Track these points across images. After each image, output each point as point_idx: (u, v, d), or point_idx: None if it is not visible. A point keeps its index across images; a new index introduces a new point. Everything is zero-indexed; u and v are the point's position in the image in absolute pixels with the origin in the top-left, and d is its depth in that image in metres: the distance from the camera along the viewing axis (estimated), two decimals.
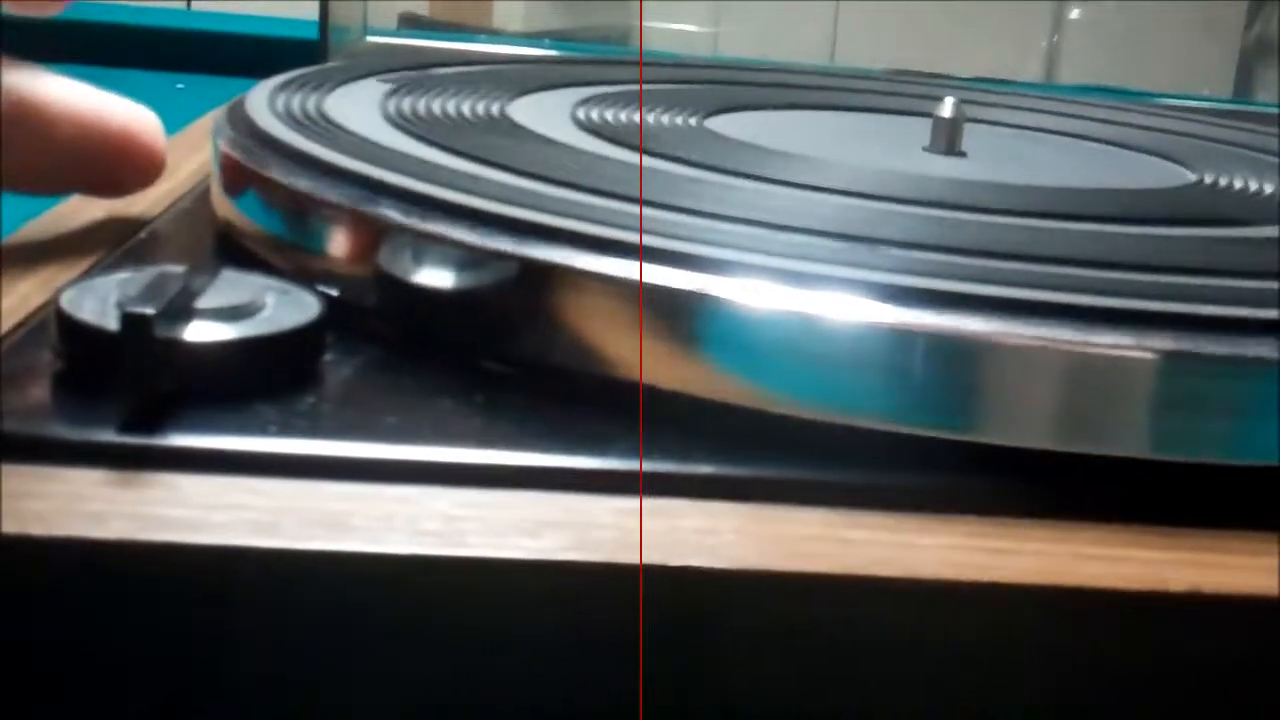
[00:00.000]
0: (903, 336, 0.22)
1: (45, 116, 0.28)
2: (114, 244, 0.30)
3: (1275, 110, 0.69)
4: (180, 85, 0.80)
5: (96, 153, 0.29)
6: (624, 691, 0.19)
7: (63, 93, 0.28)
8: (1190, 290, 0.24)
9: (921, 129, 0.39)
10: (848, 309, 0.22)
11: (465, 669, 0.19)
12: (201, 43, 0.85)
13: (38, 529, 0.19)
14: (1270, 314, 0.23)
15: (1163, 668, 0.20)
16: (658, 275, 0.23)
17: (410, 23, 1.57)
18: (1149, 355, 0.21)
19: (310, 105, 0.34)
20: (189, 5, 1.63)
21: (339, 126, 0.32)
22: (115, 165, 0.29)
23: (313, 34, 0.57)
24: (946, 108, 0.38)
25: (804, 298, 0.22)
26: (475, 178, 0.28)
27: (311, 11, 0.57)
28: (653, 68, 0.49)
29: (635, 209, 0.26)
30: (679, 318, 0.22)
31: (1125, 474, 0.22)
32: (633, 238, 0.23)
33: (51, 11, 0.30)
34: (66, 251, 0.29)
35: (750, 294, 0.22)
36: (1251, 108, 0.79)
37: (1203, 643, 0.20)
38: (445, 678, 0.19)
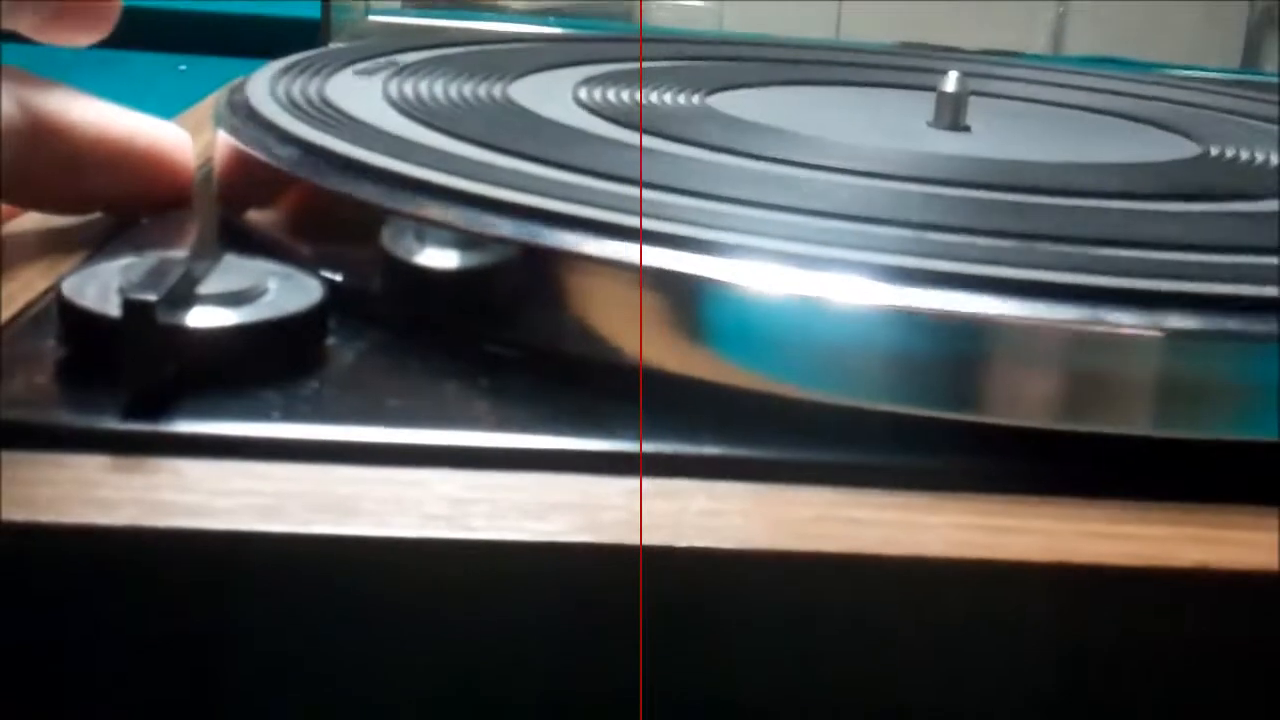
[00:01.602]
0: (907, 317, 0.22)
1: (73, 138, 0.28)
2: (116, 229, 0.30)
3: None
4: (183, 67, 0.80)
5: (125, 174, 0.29)
6: (633, 672, 0.19)
7: (90, 113, 0.28)
8: (1194, 267, 0.24)
9: (926, 104, 0.38)
10: (851, 290, 0.22)
11: (473, 651, 0.19)
12: (204, 23, 0.85)
13: (44, 516, 0.19)
14: (1272, 290, 0.22)
15: (1171, 644, 0.20)
16: (661, 258, 0.22)
17: (415, 0, 1.56)
18: (1153, 333, 0.21)
19: (312, 90, 0.34)
20: None
21: (341, 111, 0.32)
22: (143, 186, 0.29)
23: (316, 13, 0.57)
24: (950, 82, 0.37)
25: (807, 279, 0.22)
26: (478, 161, 0.28)
27: None
28: (655, 44, 0.48)
29: (637, 191, 0.26)
30: (683, 300, 0.22)
31: (1132, 451, 0.22)
32: (635, 220, 0.23)
33: (89, 41, 0.30)
34: (69, 237, 0.29)
35: (753, 276, 0.22)
36: (1259, 78, 0.79)
37: (1211, 619, 0.20)
38: (453, 660, 0.20)
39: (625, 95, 0.38)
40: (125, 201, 0.30)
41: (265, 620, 0.19)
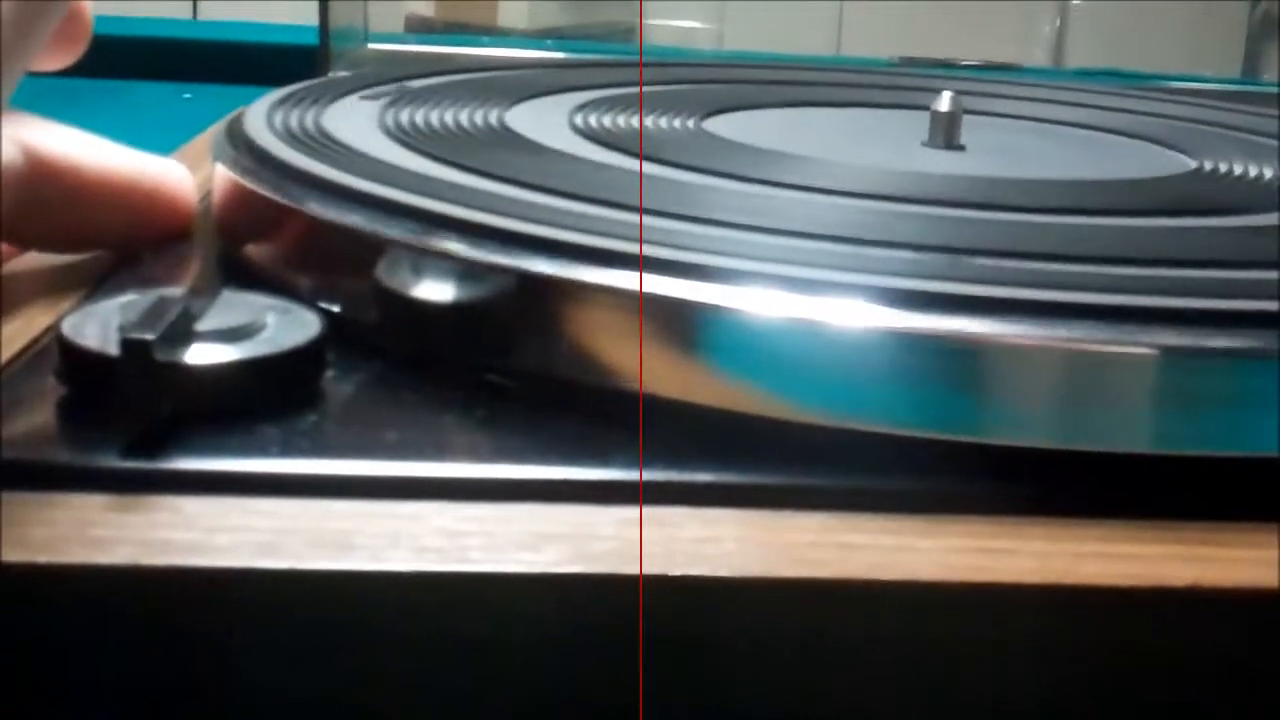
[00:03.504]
0: (898, 339, 0.22)
1: (76, 179, 0.28)
2: (116, 265, 0.30)
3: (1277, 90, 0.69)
4: (187, 95, 0.80)
5: (128, 213, 0.29)
6: (627, 702, 0.20)
7: (93, 154, 0.29)
8: (1183, 283, 0.24)
9: (921, 123, 0.39)
10: (843, 313, 0.22)
11: (470, 683, 0.20)
12: (208, 52, 0.86)
13: (44, 556, 0.19)
14: (1264, 305, 0.23)
15: (1165, 664, 0.20)
16: (653, 283, 0.23)
17: (417, 25, 1.57)
18: (1144, 351, 0.22)
19: (308, 121, 0.34)
20: (195, 15, 1.64)
21: (337, 142, 0.32)
22: (146, 224, 0.30)
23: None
24: (944, 102, 0.38)
25: (798, 302, 0.22)
26: (473, 190, 0.28)
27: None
28: (651, 68, 0.49)
29: (633, 218, 0.26)
30: (674, 325, 0.23)
31: (1123, 470, 0.22)
32: (631, 248, 0.23)
33: (57, 66, 0.30)
34: (69, 274, 0.29)
35: (745, 300, 0.22)
36: (1258, 88, 0.79)
37: (1204, 637, 0.20)
38: (450, 692, 0.20)
39: (621, 120, 0.38)
40: (128, 240, 0.30)
41: (264, 656, 0.19)
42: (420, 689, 0.20)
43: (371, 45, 0.61)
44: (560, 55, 0.67)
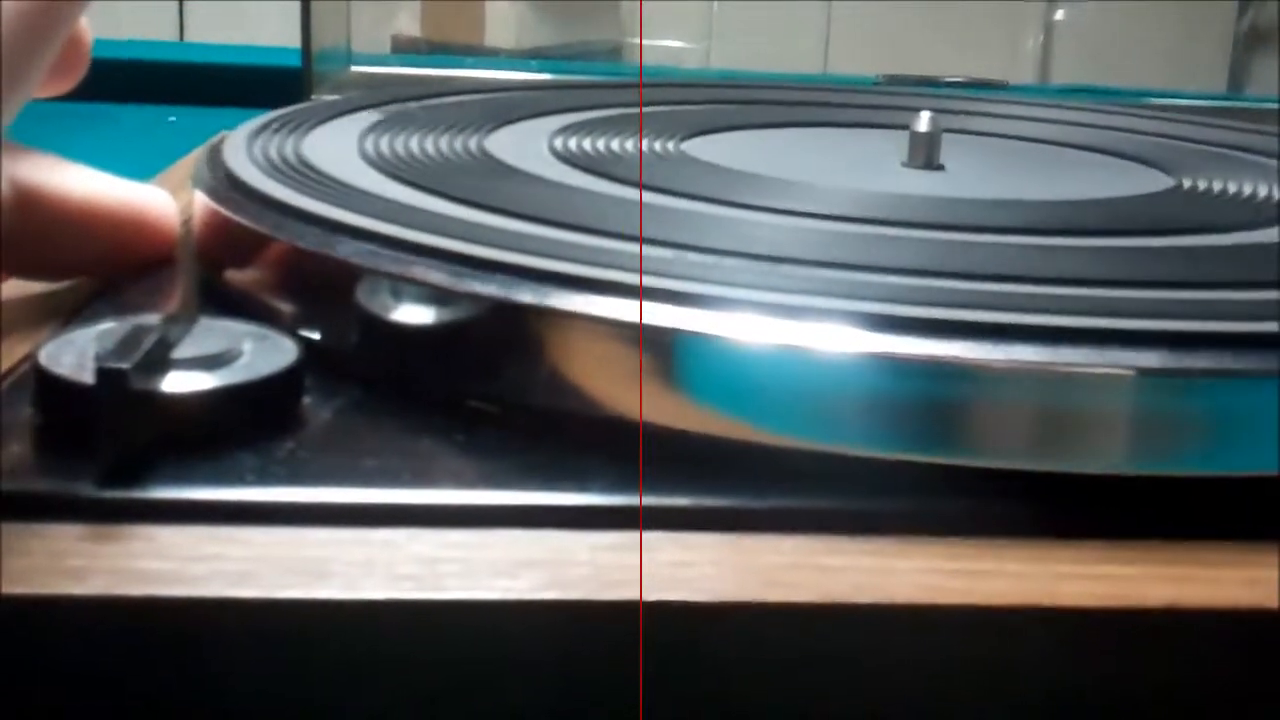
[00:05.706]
0: (875, 362, 0.22)
1: (61, 209, 0.28)
2: (96, 292, 0.30)
3: (1266, 105, 0.69)
4: (172, 118, 0.80)
5: (112, 242, 0.29)
6: None
7: (77, 183, 0.29)
8: (1160, 305, 0.24)
9: (901, 143, 0.39)
10: (821, 337, 0.22)
11: (447, 711, 0.20)
12: (194, 74, 0.86)
13: (19, 587, 0.19)
14: (1242, 326, 0.23)
15: (1144, 683, 0.20)
16: (629, 309, 0.23)
17: (403, 45, 1.58)
18: (1120, 372, 0.22)
19: (288, 148, 0.34)
20: (181, 37, 1.64)
21: (316, 170, 0.32)
22: (129, 252, 0.30)
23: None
24: (923, 122, 0.38)
25: (776, 327, 0.22)
26: (451, 218, 0.28)
27: None
28: (632, 89, 0.49)
29: (612, 244, 0.26)
30: (650, 349, 0.23)
31: (1101, 490, 0.22)
32: (609, 274, 0.23)
33: (54, 93, 0.30)
34: (49, 300, 0.29)
35: (722, 325, 0.22)
36: (1242, 104, 0.79)
37: (1183, 657, 0.20)
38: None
39: (601, 144, 0.38)
40: (111, 268, 0.30)
41: (239, 686, 0.19)
42: (397, 717, 0.19)
43: (355, 68, 0.61)
44: (545, 76, 0.68)
